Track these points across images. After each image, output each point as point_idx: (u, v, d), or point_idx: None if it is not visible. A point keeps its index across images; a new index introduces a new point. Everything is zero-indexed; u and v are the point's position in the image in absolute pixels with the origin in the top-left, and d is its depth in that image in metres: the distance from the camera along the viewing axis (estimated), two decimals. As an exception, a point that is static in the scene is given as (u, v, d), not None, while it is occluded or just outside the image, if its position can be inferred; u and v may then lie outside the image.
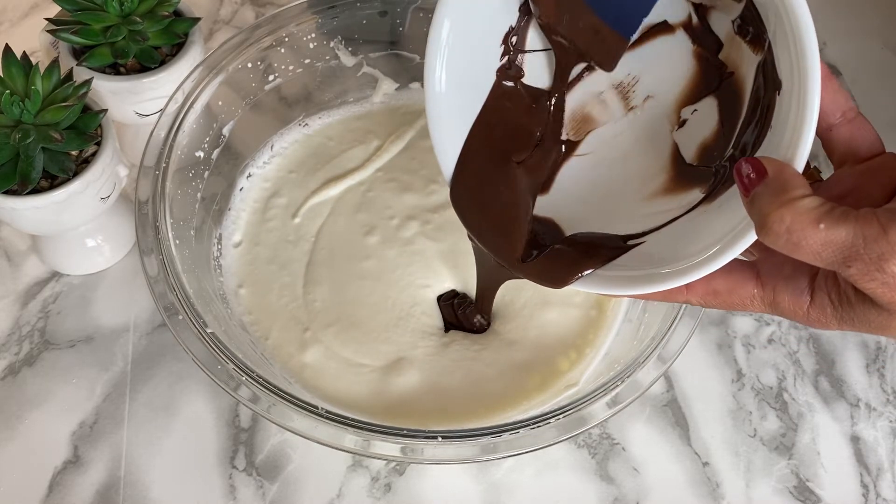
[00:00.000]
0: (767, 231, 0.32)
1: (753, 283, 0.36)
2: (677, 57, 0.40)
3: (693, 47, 0.40)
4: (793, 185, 0.32)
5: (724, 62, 0.39)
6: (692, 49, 0.40)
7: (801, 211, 0.31)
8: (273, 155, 0.60)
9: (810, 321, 0.35)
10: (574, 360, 0.52)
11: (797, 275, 0.35)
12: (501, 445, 0.42)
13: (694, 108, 0.40)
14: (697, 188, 0.39)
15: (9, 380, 0.54)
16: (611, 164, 0.43)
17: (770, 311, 0.36)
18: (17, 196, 0.49)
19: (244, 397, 0.43)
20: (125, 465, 0.52)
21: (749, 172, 0.33)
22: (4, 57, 0.49)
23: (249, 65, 0.56)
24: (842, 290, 0.34)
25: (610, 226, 0.41)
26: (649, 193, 0.41)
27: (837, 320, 0.34)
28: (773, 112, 0.35)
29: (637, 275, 0.37)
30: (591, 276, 0.38)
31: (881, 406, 0.57)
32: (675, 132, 0.41)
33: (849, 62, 0.76)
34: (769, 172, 0.32)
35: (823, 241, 0.31)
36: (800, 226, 0.31)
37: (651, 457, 0.54)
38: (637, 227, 0.40)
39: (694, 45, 0.40)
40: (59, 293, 0.58)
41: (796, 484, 0.53)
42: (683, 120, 0.41)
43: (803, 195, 0.31)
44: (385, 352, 0.52)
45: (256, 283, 0.54)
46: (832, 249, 0.31)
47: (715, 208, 0.37)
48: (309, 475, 0.52)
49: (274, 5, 0.76)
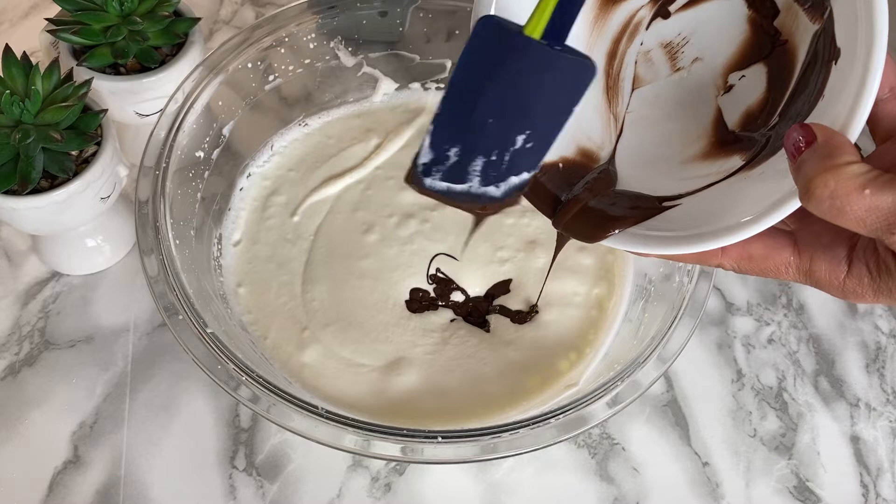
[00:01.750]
0: (811, 196, 0.31)
1: (790, 251, 0.36)
2: (731, 21, 0.40)
3: (748, 12, 0.39)
4: (840, 152, 0.31)
5: (778, 30, 0.39)
6: (747, 14, 0.39)
7: (848, 176, 0.31)
8: (273, 153, 0.60)
9: (846, 292, 0.35)
10: (574, 360, 0.52)
11: (835, 244, 0.35)
12: (501, 445, 0.42)
13: (742, 73, 0.40)
14: (738, 155, 0.39)
15: (9, 380, 0.54)
16: (652, 124, 0.42)
17: (805, 280, 0.36)
18: (18, 196, 0.49)
19: (244, 397, 0.43)
20: (125, 465, 0.52)
21: (799, 138, 0.32)
22: (4, 57, 0.49)
23: (249, 65, 0.56)
24: (881, 259, 0.34)
25: (647, 186, 0.40)
26: (689, 157, 0.41)
27: (874, 291, 0.34)
28: (828, 82, 0.34)
29: (672, 235, 0.36)
30: (625, 234, 0.37)
31: (881, 406, 0.57)
32: (720, 97, 0.41)
33: (849, 62, 0.76)
34: (819, 138, 0.32)
35: (868, 206, 0.30)
36: (844, 191, 0.31)
37: (651, 457, 0.54)
38: (674, 190, 0.39)
39: (750, 10, 0.39)
40: (60, 293, 0.58)
41: (796, 484, 0.53)
42: (730, 85, 0.41)
43: (850, 161, 0.31)
44: (384, 351, 0.52)
45: (255, 283, 0.54)
46: (877, 216, 0.31)
47: (755, 176, 0.37)
48: (309, 475, 0.52)
49: (274, 5, 0.76)
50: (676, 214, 0.38)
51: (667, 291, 0.48)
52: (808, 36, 0.37)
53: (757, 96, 0.39)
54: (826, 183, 0.31)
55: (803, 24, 0.37)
